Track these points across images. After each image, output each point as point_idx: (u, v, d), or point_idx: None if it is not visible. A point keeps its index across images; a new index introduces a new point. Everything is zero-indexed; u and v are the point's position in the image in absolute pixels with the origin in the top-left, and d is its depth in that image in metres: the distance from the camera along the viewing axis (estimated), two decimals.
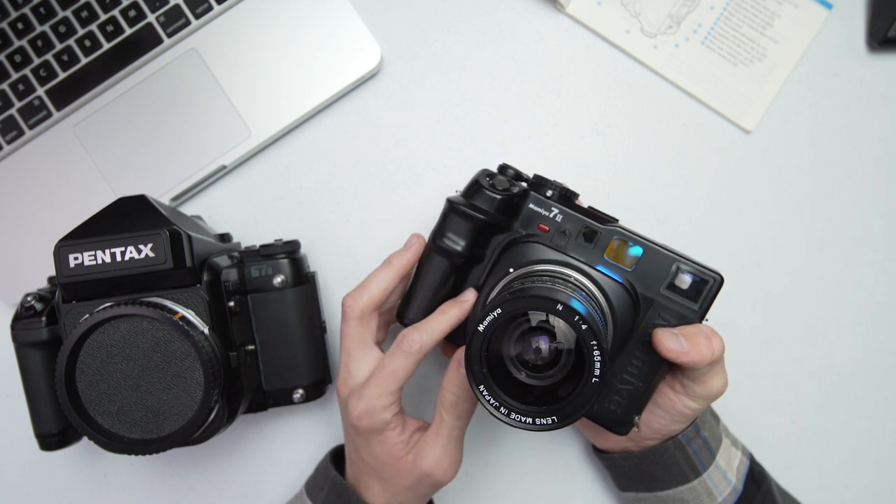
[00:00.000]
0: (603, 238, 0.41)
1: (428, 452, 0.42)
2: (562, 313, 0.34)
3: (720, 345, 0.40)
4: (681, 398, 0.42)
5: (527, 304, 0.36)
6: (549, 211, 0.42)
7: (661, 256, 0.40)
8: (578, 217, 0.42)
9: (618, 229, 0.41)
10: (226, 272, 0.45)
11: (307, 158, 0.56)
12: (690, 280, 0.40)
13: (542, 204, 0.42)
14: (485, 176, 0.43)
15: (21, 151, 0.54)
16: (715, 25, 0.56)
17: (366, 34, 0.54)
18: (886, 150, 0.56)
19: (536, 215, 0.42)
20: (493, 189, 0.42)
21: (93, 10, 0.54)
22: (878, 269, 0.56)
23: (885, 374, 0.56)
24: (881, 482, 0.56)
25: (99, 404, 0.39)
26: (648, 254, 0.41)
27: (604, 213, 0.43)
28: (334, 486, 0.46)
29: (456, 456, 0.43)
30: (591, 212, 0.42)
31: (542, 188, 0.43)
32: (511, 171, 0.44)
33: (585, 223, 0.41)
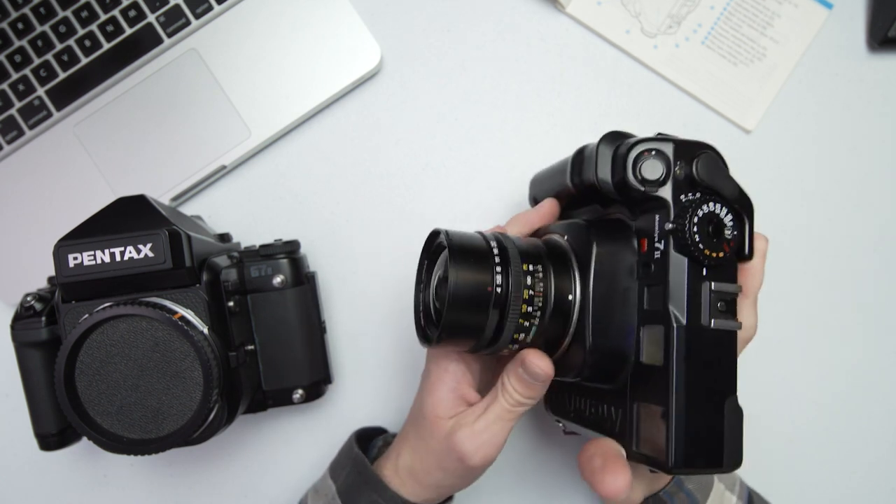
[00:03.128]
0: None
1: (467, 423, 0.39)
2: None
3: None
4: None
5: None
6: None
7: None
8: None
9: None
10: (225, 272, 0.45)
11: (307, 158, 0.56)
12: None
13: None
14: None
15: (21, 151, 0.54)
16: (715, 25, 0.56)
17: (366, 34, 0.54)
18: (887, 150, 0.56)
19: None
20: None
21: (93, 10, 0.54)
22: (879, 269, 0.56)
23: (885, 375, 0.56)
24: (881, 482, 0.56)
25: (98, 404, 0.39)
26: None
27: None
28: (356, 464, 0.45)
29: (493, 441, 0.39)
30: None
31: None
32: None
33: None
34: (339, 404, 0.55)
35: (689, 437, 0.33)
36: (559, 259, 0.38)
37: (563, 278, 0.37)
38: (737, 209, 0.34)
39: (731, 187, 0.34)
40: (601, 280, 0.36)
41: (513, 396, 0.39)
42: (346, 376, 0.55)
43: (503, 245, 0.37)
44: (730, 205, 0.34)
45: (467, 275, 0.36)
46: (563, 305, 0.37)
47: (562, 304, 0.37)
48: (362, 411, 0.55)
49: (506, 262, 0.37)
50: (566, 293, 0.37)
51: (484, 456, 0.39)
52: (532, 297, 0.36)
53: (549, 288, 0.37)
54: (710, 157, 0.34)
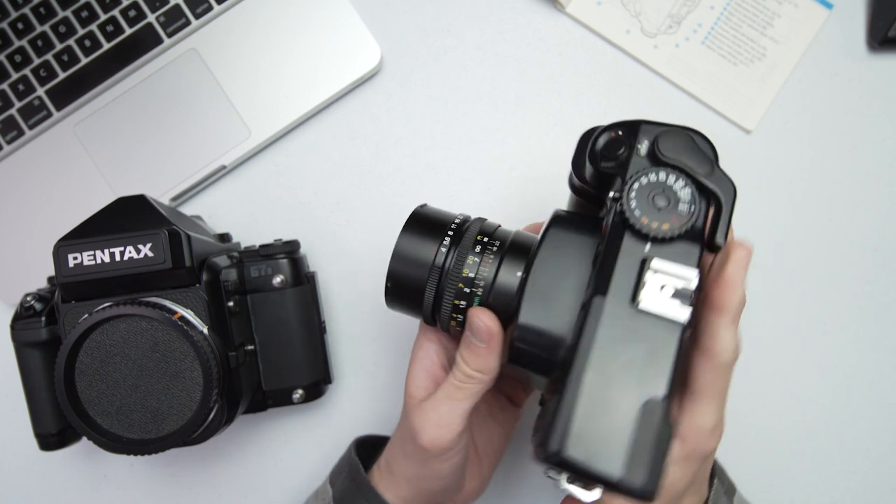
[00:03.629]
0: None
1: (423, 405, 0.38)
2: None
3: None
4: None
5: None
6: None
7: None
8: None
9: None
10: (225, 272, 0.45)
11: (307, 158, 0.56)
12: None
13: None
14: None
15: (21, 151, 0.54)
16: (715, 25, 0.56)
17: (366, 34, 0.54)
18: (887, 149, 0.56)
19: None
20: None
21: (93, 10, 0.54)
22: (879, 269, 0.56)
23: (885, 375, 0.56)
24: (881, 482, 0.56)
25: (98, 404, 0.39)
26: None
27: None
28: (351, 470, 0.44)
29: (441, 421, 0.36)
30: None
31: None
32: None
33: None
34: (339, 404, 0.55)
35: (578, 422, 0.27)
36: (522, 244, 0.37)
37: (517, 259, 0.36)
38: (704, 186, 0.30)
39: (705, 167, 0.30)
40: (547, 260, 0.33)
41: (461, 370, 0.36)
42: (346, 376, 0.55)
43: (467, 225, 0.38)
44: (692, 178, 0.30)
45: (412, 243, 0.37)
46: (506, 283, 0.35)
47: (506, 283, 0.35)
48: (362, 411, 0.55)
49: (457, 239, 0.37)
50: (514, 272, 0.35)
51: (431, 437, 0.36)
52: (473, 277, 0.36)
53: (495, 270, 0.36)
54: (677, 134, 0.31)
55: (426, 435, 0.37)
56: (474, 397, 0.37)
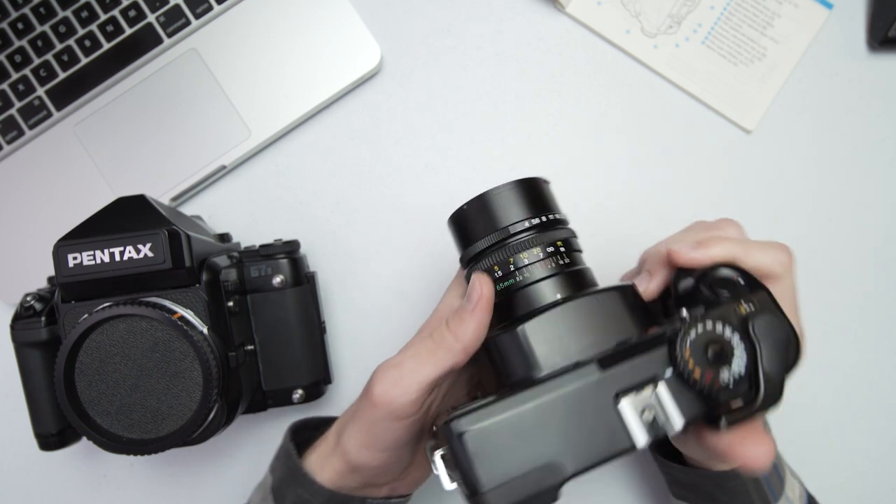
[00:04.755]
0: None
1: (389, 360, 0.35)
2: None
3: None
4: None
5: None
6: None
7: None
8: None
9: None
10: (225, 272, 0.45)
11: (307, 158, 0.56)
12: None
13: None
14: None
15: (21, 151, 0.54)
16: (715, 25, 0.56)
17: (366, 34, 0.54)
18: (887, 149, 0.56)
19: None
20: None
21: (93, 10, 0.54)
22: (879, 269, 0.56)
23: (885, 375, 0.56)
24: (881, 482, 0.56)
25: (98, 404, 0.39)
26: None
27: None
28: (286, 455, 0.42)
29: (399, 377, 0.34)
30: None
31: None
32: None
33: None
34: (339, 404, 0.55)
35: (495, 426, 0.29)
36: (580, 277, 0.36)
37: (565, 284, 0.35)
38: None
39: (779, 362, 0.31)
40: (589, 308, 0.33)
41: (439, 330, 0.35)
42: (346, 376, 0.55)
43: (560, 223, 0.37)
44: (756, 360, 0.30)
45: (514, 196, 0.36)
46: (537, 294, 0.35)
47: (537, 293, 0.35)
48: None
49: (545, 227, 0.36)
50: (555, 293, 0.35)
51: (381, 392, 0.34)
52: (530, 263, 0.35)
53: (545, 276, 0.35)
54: (777, 323, 0.31)
55: (378, 388, 0.34)
56: (439, 366, 0.34)
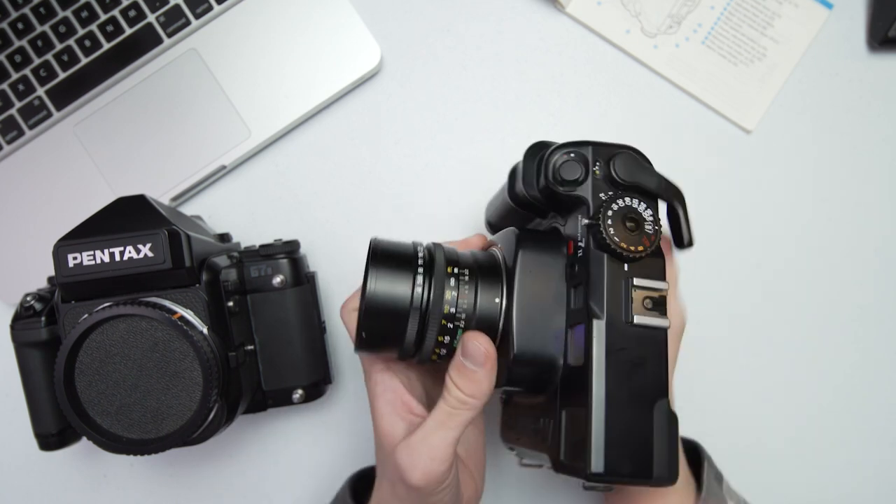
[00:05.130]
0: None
1: (406, 437, 0.36)
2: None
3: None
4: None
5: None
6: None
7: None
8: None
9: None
10: (225, 272, 0.45)
11: (307, 158, 0.56)
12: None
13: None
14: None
15: (21, 151, 0.54)
16: (715, 25, 0.56)
17: (366, 34, 0.54)
18: (887, 149, 0.56)
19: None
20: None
21: (93, 10, 0.54)
22: (879, 270, 0.56)
23: (886, 375, 0.56)
24: (881, 483, 0.56)
25: (98, 404, 0.39)
26: None
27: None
28: (341, 500, 0.43)
29: (433, 453, 0.35)
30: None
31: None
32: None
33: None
34: (339, 404, 0.55)
35: (610, 439, 0.30)
36: (489, 268, 0.37)
37: (491, 287, 0.36)
38: (656, 204, 0.34)
39: (654, 181, 0.34)
40: (527, 284, 0.35)
41: (455, 395, 0.35)
42: (346, 376, 0.55)
43: (432, 253, 0.37)
44: (649, 201, 0.34)
45: (386, 281, 0.35)
46: (487, 313, 0.36)
47: (486, 313, 0.36)
48: (362, 411, 0.55)
49: (430, 270, 0.36)
50: (492, 300, 0.36)
51: (424, 472, 0.34)
52: (454, 308, 0.35)
53: (474, 297, 0.36)
54: (629, 156, 0.35)
55: (419, 471, 0.34)
56: (465, 424, 0.35)
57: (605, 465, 0.30)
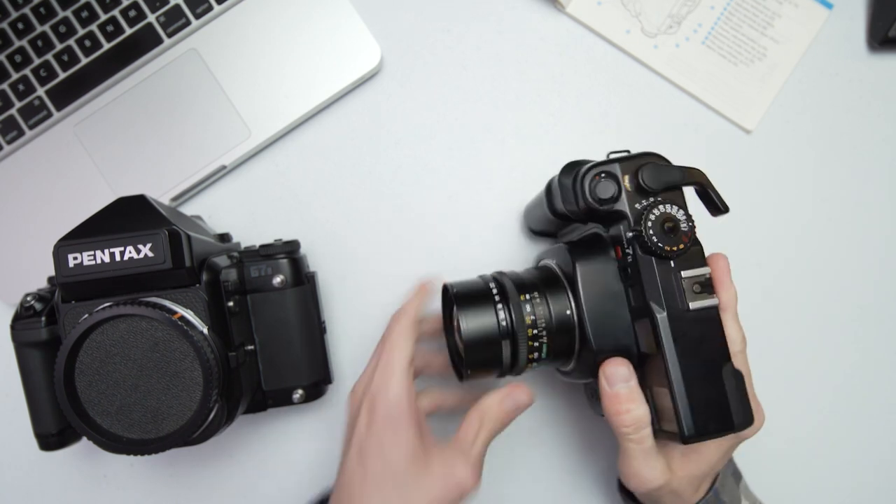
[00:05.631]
0: None
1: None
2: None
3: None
4: (706, 443, 0.40)
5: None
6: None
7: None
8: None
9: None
10: (225, 272, 0.45)
11: (307, 158, 0.56)
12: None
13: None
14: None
15: (21, 151, 0.54)
16: (715, 25, 0.56)
17: (366, 34, 0.54)
18: (887, 149, 0.56)
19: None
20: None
21: (93, 10, 0.54)
22: (879, 269, 0.56)
23: (886, 375, 0.56)
24: (881, 483, 0.56)
25: (98, 404, 0.39)
26: None
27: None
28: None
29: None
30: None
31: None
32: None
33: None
34: (339, 404, 0.55)
35: (694, 408, 0.37)
36: (551, 282, 0.42)
37: (559, 298, 0.41)
38: (683, 199, 0.39)
39: (678, 176, 0.39)
40: (590, 291, 0.40)
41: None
42: (347, 376, 0.55)
43: (501, 283, 0.43)
44: (679, 199, 0.39)
45: (474, 319, 0.41)
46: (563, 322, 0.41)
47: (562, 321, 0.41)
48: None
49: (505, 298, 0.42)
50: (564, 310, 0.41)
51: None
52: (535, 322, 0.41)
53: (548, 310, 0.41)
54: (651, 165, 0.39)
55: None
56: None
57: (696, 429, 0.37)
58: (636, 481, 0.41)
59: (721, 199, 0.39)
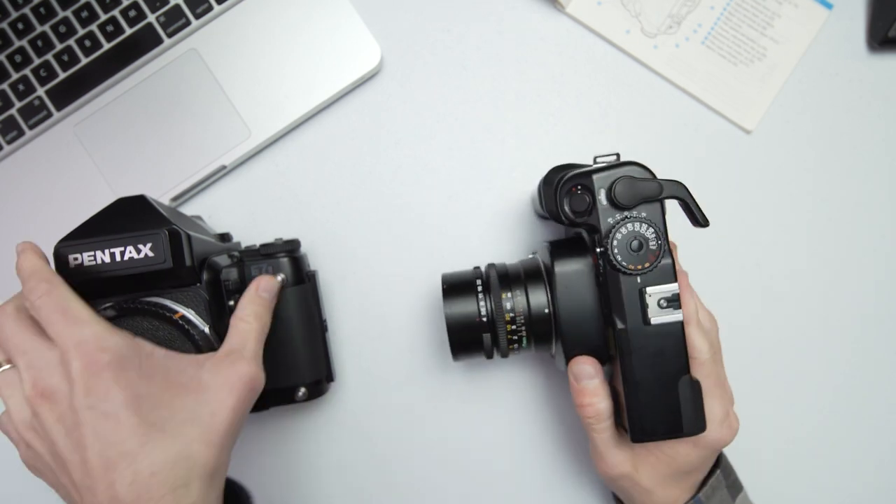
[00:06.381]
0: None
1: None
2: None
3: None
4: (668, 444, 0.42)
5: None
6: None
7: None
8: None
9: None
10: (226, 271, 0.45)
11: (307, 158, 0.56)
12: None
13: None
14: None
15: (21, 151, 0.54)
16: (715, 25, 0.56)
17: (366, 34, 0.54)
18: (887, 149, 0.56)
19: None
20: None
21: (93, 10, 0.54)
22: (879, 269, 0.56)
23: (886, 375, 0.56)
24: (881, 483, 0.56)
25: None
26: None
27: None
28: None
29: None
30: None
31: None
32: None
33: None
34: (341, 402, 0.55)
35: (644, 413, 0.39)
36: (534, 278, 0.44)
37: (538, 294, 0.44)
38: (661, 214, 0.39)
39: (654, 190, 0.39)
40: (565, 292, 0.42)
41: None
42: (348, 374, 0.55)
43: (487, 275, 0.45)
44: (653, 214, 0.39)
45: (457, 306, 0.45)
46: (541, 317, 0.43)
47: (540, 317, 0.43)
48: (364, 409, 0.55)
49: (487, 290, 0.45)
50: (542, 308, 0.43)
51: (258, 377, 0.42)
52: (514, 317, 0.44)
53: (527, 305, 0.44)
54: (626, 179, 0.39)
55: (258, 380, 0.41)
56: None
57: (644, 431, 0.39)
58: (603, 466, 0.44)
59: (701, 212, 0.39)
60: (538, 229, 0.55)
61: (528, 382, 0.55)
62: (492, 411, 0.55)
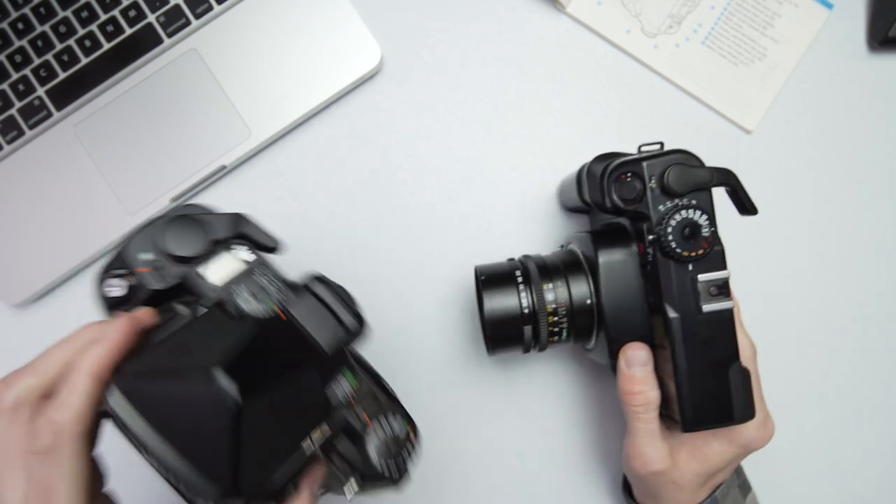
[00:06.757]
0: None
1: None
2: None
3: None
4: (704, 440, 0.42)
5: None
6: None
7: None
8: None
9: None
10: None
11: (307, 158, 0.56)
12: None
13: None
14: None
15: (21, 151, 0.54)
16: (715, 25, 0.56)
17: (366, 34, 0.54)
18: (887, 149, 0.56)
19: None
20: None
21: (93, 10, 0.54)
22: (880, 269, 0.56)
23: (887, 375, 0.56)
24: (882, 484, 0.56)
25: None
26: None
27: None
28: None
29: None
30: None
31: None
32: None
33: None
34: None
35: (695, 404, 0.39)
36: (574, 268, 0.44)
37: (580, 285, 0.43)
38: (710, 202, 0.39)
39: (705, 178, 0.39)
40: (610, 282, 0.42)
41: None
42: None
43: (526, 267, 0.44)
44: (705, 201, 0.39)
45: (498, 300, 0.44)
46: (583, 309, 0.43)
47: (582, 308, 0.43)
48: None
49: (528, 282, 0.44)
50: (584, 298, 0.43)
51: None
52: (556, 309, 0.43)
53: (569, 296, 0.43)
54: (679, 167, 0.38)
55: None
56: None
57: (695, 419, 0.39)
58: (639, 462, 0.42)
59: (750, 200, 0.40)
60: (538, 229, 0.55)
61: (560, 377, 0.55)
62: (524, 406, 0.55)
